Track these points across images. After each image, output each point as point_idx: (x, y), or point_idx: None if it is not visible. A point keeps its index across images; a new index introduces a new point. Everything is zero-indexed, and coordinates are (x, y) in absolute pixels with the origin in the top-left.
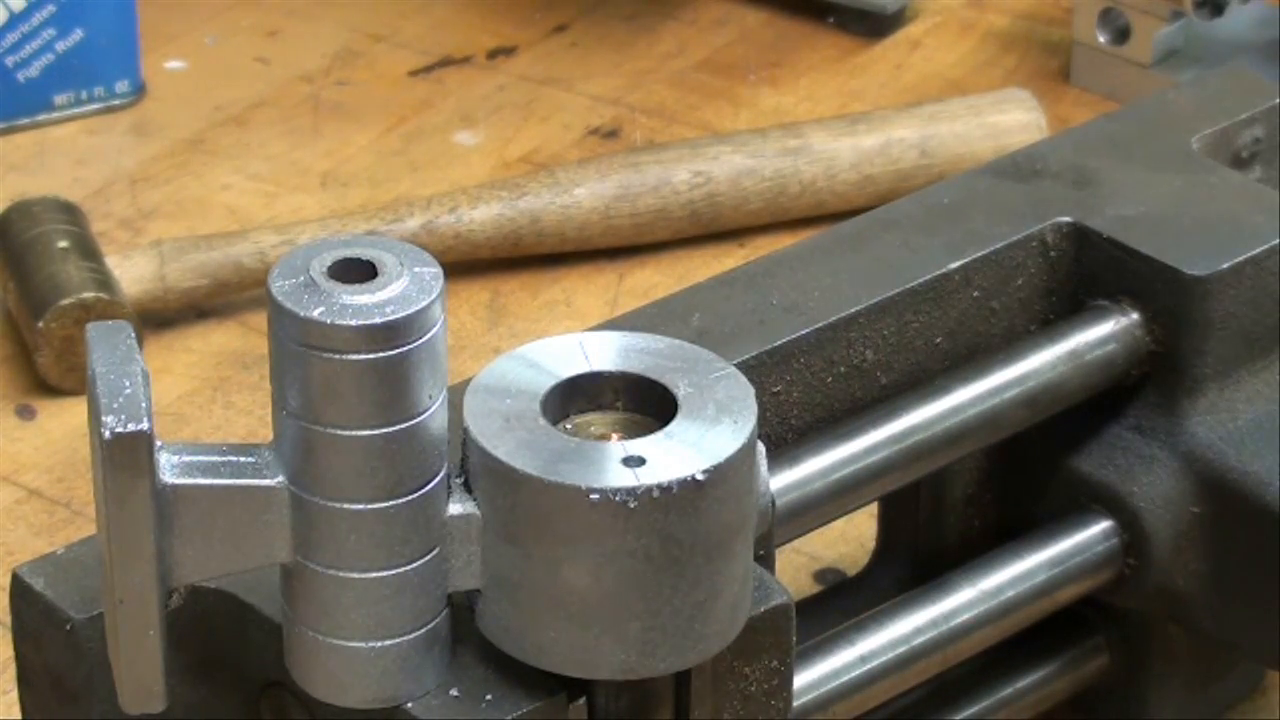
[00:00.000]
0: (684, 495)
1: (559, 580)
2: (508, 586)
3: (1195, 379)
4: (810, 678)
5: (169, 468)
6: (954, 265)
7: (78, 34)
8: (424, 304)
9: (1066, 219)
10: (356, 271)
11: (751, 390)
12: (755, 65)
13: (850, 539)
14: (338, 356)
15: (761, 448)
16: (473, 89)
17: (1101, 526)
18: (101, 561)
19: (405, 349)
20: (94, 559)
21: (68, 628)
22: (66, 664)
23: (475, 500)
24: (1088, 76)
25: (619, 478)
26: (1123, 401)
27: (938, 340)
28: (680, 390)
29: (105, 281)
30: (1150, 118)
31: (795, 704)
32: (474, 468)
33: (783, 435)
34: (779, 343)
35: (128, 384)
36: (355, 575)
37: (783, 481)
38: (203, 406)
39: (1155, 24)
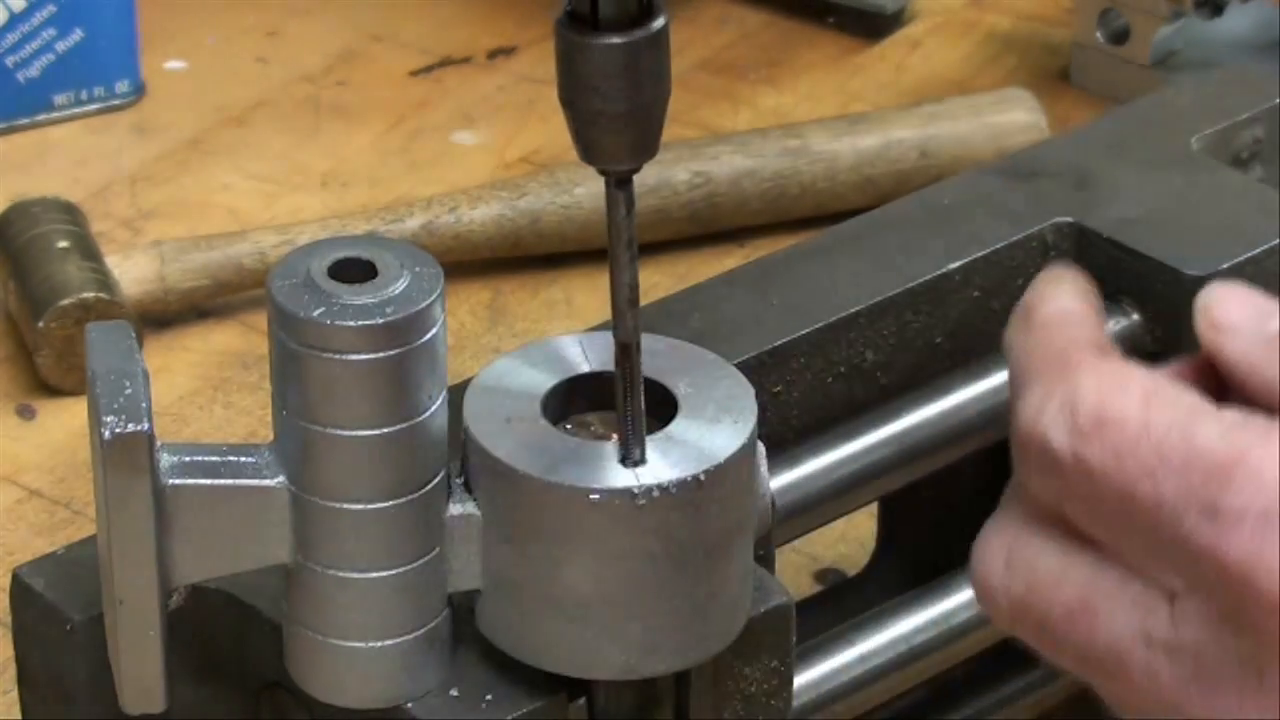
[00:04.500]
0: (684, 495)
1: (559, 580)
2: (508, 586)
3: None
4: (810, 678)
5: (169, 468)
6: (954, 265)
7: (78, 34)
8: (424, 304)
9: (1066, 219)
10: (356, 271)
11: (751, 390)
12: (755, 65)
13: (850, 539)
14: (338, 356)
15: (761, 448)
16: (473, 89)
17: None
18: (101, 561)
19: (405, 349)
20: (94, 559)
21: (68, 628)
22: (66, 664)
23: (475, 500)
24: (1088, 76)
25: (619, 478)
26: None
27: (938, 340)
28: (680, 390)
29: (105, 282)
30: (1150, 118)
31: (795, 704)
32: (474, 468)
33: (783, 435)
34: (779, 343)
35: (128, 384)
36: (355, 575)
37: (783, 481)
38: (203, 406)
39: (1155, 24)
